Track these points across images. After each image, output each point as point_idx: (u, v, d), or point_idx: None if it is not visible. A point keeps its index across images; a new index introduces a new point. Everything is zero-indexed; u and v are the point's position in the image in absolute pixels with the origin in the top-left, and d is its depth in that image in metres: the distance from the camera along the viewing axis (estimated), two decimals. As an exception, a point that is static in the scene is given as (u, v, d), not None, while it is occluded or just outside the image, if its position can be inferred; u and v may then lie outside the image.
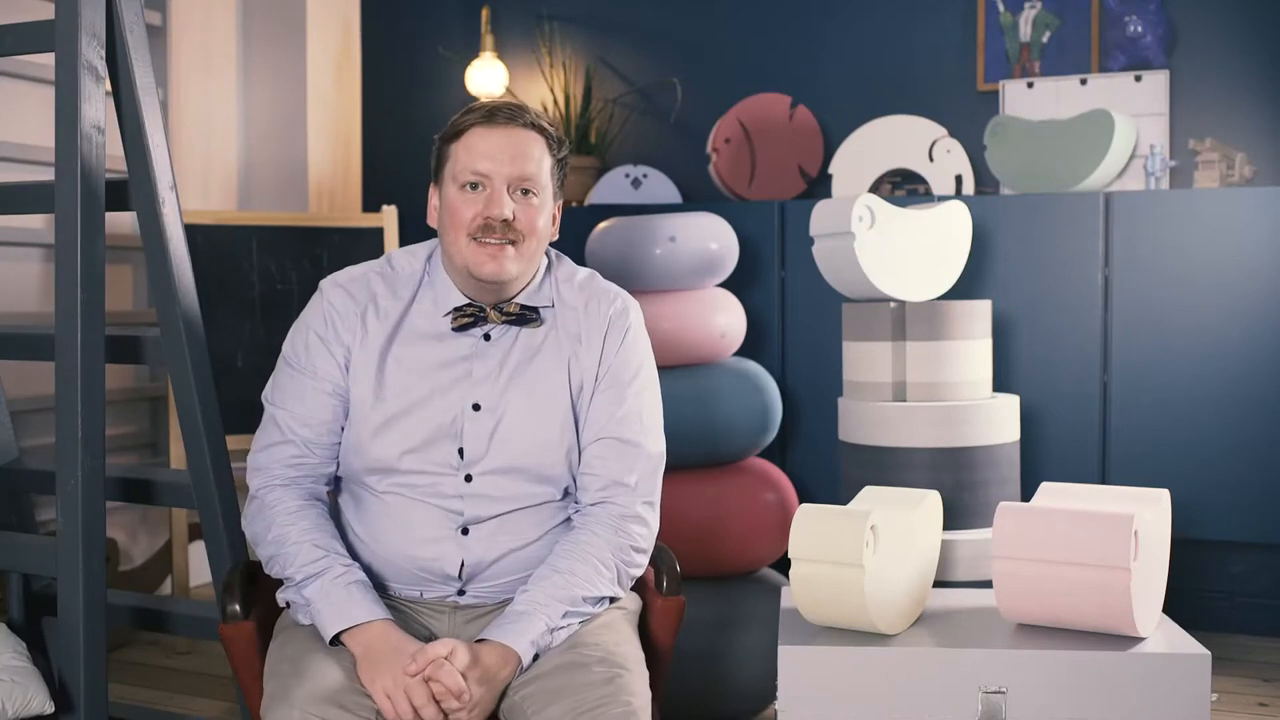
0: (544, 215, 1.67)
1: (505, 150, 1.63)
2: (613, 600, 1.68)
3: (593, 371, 1.71)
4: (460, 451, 1.65)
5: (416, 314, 1.70)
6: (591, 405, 1.70)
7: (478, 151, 1.63)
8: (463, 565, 1.65)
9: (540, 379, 1.69)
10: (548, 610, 1.58)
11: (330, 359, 1.68)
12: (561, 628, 1.59)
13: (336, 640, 1.56)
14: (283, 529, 1.63)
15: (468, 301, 1.69)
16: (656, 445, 1.74)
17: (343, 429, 1.70)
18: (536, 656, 1.57)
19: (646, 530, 1.70)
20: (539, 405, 1.68)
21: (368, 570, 1.66)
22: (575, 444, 1.70)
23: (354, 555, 1.67)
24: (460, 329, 1.68)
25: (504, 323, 1.68)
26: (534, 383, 1.69)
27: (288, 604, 1.65)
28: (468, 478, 1.65)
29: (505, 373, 1.68)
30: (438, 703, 1.48)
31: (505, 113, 1.65)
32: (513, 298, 1.69)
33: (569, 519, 1.72)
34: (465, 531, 1.65)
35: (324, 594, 1.58)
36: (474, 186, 1.63)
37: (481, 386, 1.67)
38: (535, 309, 1.70)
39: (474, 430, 1.66)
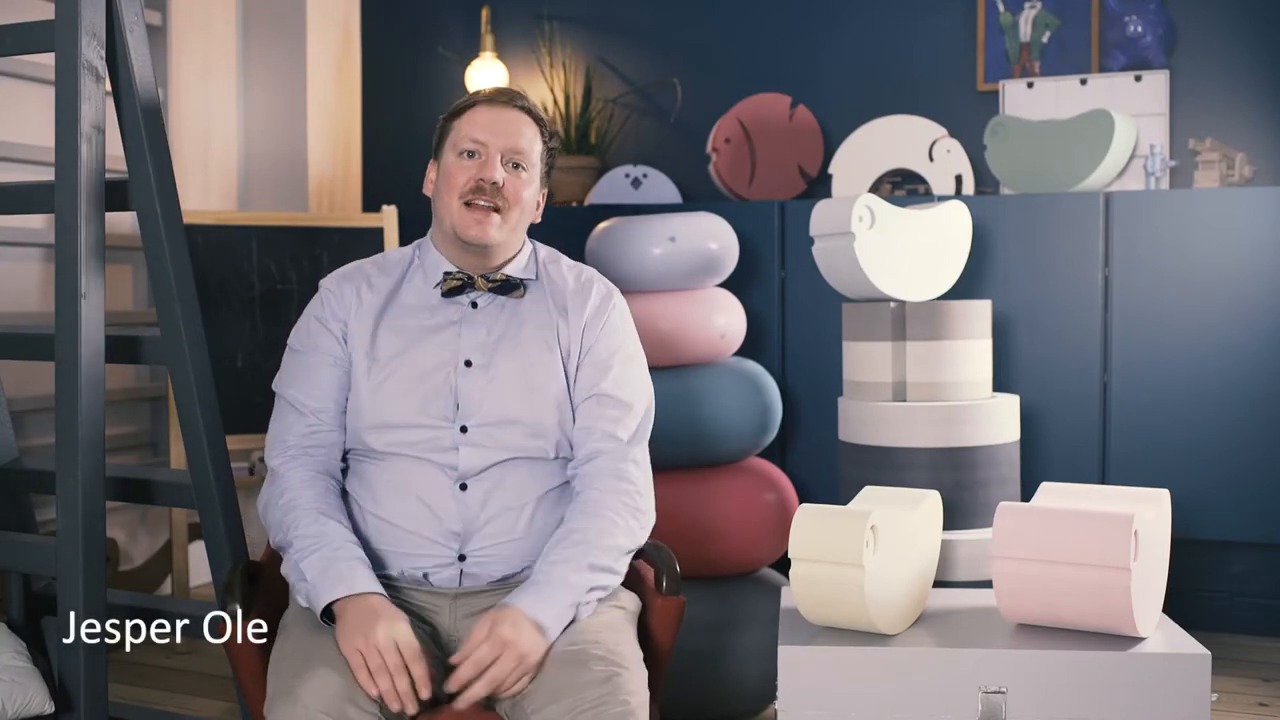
0: (530, 190, 1.79)
1: (501, 125, 1.77)
2: (631, 552, 1.72)
3: (578, 339, 1.78)
4: (455, 406, 1.72)
5: (407, 290, 1.81)
6: (580, 370, 1.78)
7: (477, 123, 1.77)
8: (461, 523, 1.68)
9: (528, 341, 1.77)
10: (573, 576, 1.62)
11: (329, 335, 1.78)
12: (593, 588, 1.64)
13: (329, 613, 1.58)
14: (294, 495, 1.69)
15: (457, 270, 1.79)
16: (644, 404, 1.81)
17: (343, 393, 1.77)
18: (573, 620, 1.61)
19: (642, 478, 1.77)
20: (529, 362, 1.76)
21: (374, 544, 1.70)
22: (568, 402, 1.76)
23: (361, 532, 1.71)
24: (449, 295, 1.77)
25: (490, 290, 1.77)
26: (523, 344, 1.77)
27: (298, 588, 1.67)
28: (463, 429, 1.71)
29: (493, 337, 1.77)
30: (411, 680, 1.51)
31: (505, 95, 1.81)
32: (498, 269, 1.79)
33: (567, 485, 1.77)
34: (464, 487, 1.70)
35: (322, 567, 1.60)
36: (470, 155, 1.76)
37: (472, 350, 1.75)
38: (520, 280, 1.80)
39: (467, 385, 1.73)
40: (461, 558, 1.69)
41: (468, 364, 1.74)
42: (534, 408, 1.73)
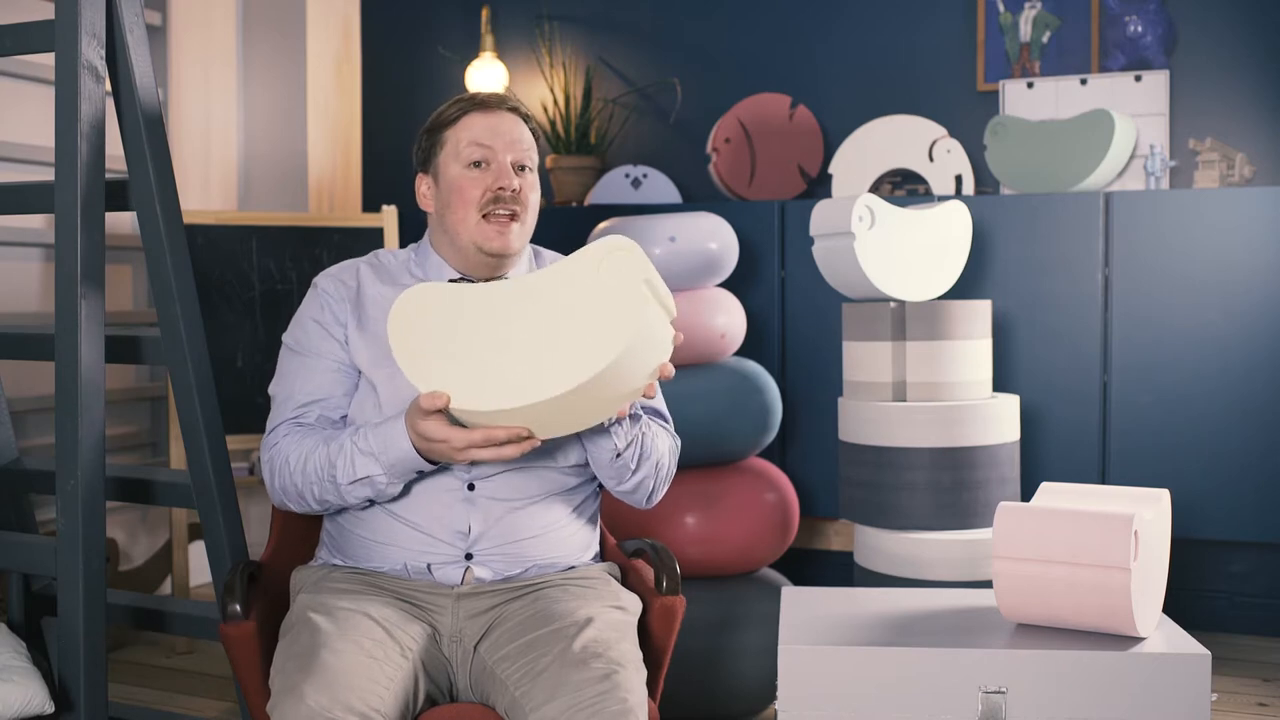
0: (537, 192, 1.79)
1: (503, 130, 1.75)
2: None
3: None
4: None
5: None
6: None
7: (480, 130, 1.74)
8: (470, 524, 1.68)
9: None
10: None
11: (331, 339, 1.75)
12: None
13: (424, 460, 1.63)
14: (296, 455, 1.68)
15: (461, 276, 1.77)
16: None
17: (346, 397, 1.75)
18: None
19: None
20: None
21: (381, 536, 1.70)
22: None
23: (368, 523, 1.71)
24: None
25: None
26: None
27: (370, 501, 1.68)
28: None
29: None
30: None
31: (496, 99, 1.78)
32: (504, 275, 1.79)
33: (576, 489, 1.77)
34: (471, 488, 1.69)
35: (368, 451, 1.62)
36: (478, 165, 1.73)
37: None
38: None
39: None
40: (468, 556, 1.70)
41: None
42: None
